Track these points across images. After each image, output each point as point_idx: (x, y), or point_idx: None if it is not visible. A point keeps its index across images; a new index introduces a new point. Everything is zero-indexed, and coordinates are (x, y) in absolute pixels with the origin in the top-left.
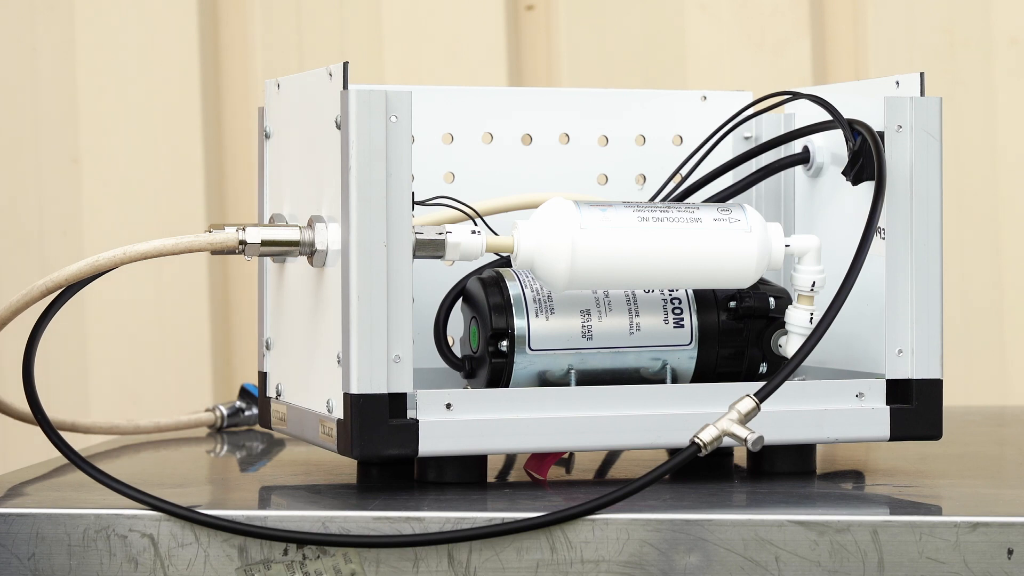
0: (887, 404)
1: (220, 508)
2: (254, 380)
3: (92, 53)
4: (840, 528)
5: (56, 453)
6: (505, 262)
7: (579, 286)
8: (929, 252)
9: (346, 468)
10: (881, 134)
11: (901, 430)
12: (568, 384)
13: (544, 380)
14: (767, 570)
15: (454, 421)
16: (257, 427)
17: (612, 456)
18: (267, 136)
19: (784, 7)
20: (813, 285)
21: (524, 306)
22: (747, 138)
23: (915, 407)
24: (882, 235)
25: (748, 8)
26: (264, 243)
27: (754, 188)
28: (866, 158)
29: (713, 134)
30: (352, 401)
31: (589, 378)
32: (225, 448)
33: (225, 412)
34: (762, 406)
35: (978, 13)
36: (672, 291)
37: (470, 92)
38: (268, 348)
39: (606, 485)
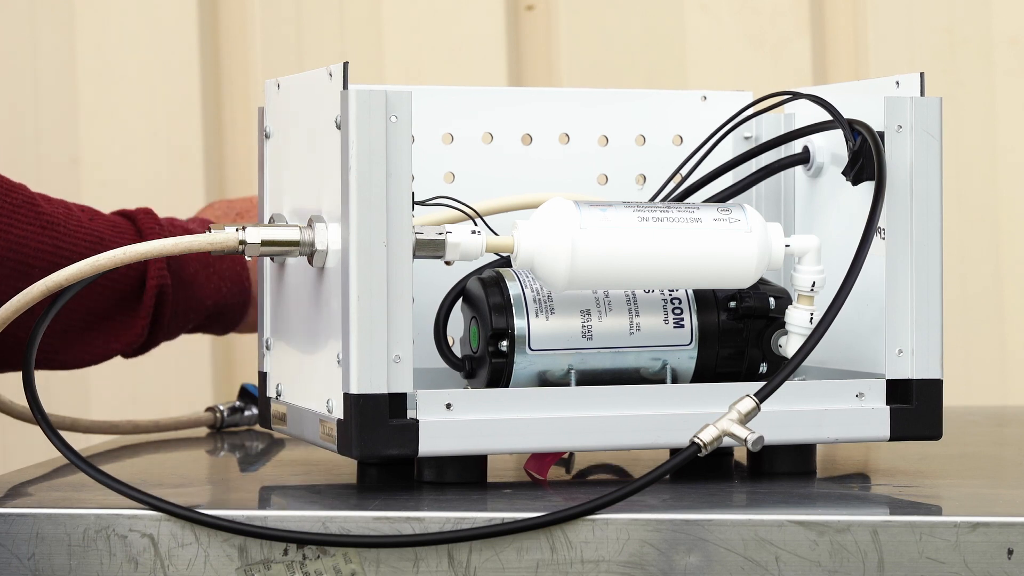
0: (887, 404)
1: (220, 508)
2: (254, 380)
3: (92, 53)
4: (840, 528)
5: (56, 453)
6: (505, 262)
7: (579, 286)
8: (929, 252)
9: (346, 468)
10: (881, 134)
11: (901, 430)
12: (568, 384)
13: (544, 380)
14: (767, 570)
15: (454, 421)
16: (257, 427)
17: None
18: (267, 136)
19: (784, 7)
20: (813, 285)
21: (524, 306)
22: (747, 138)
23: (915, 407)
24: (882, 235)
25: (748, 8)
26: (264, 243)
27: (754, 188)
28: (866, 158)
29: (713, 134)
30: (352, 401)
31: (589, 378)
32: (225, 448)
33: (225, 412)
34: (762, 406)
35: (978, 13)
36: (672, 291)
37: (470, 92)
38: (268, 348)
39: (606, 485)
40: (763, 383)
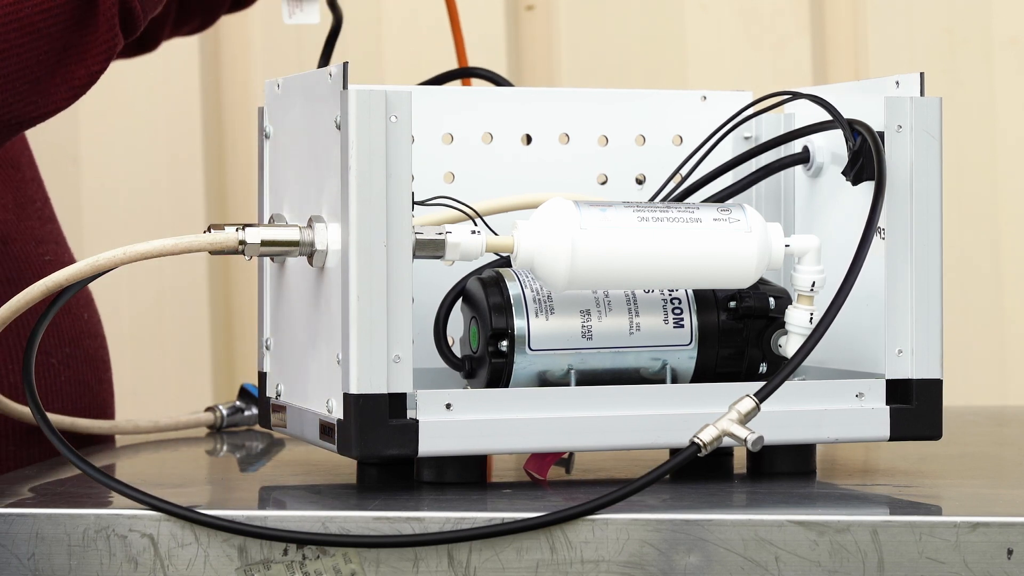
0: (887, 404)
1: (220, 508)
2: (254, 380)
3: None
4: (840, 528)
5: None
6: (505, 262)
7: (579, 286)
8: (929, 252)
9: (346, 468)
10: (881, 134)
11: (901, 430)
12: (568, 384)
13: (544, 380)
14: (767, 570)
15: (454, 421)
16: (257, 427)
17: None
18: (267, 136)
19: (784, 7)
20: (813, 285)
21: (524, 306)
22: (747, 138)
23: (915, 407)
24: (882, 235)
25: (748, 8)
26: (264, 243)
27: (754, 188)
28: (866, 158)
29: (713, 134)
30: (352, 401)
31: (589, 378)
32: (225, 448)
33: (225, 412)
34: (762, 406)
35: (978, 13)
36: (672, 291)
37: (470, 92)
38: (268, 348)
39: (606, 485)
40: (763, 383)
